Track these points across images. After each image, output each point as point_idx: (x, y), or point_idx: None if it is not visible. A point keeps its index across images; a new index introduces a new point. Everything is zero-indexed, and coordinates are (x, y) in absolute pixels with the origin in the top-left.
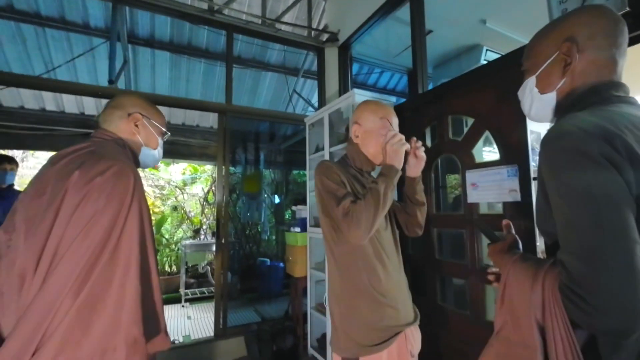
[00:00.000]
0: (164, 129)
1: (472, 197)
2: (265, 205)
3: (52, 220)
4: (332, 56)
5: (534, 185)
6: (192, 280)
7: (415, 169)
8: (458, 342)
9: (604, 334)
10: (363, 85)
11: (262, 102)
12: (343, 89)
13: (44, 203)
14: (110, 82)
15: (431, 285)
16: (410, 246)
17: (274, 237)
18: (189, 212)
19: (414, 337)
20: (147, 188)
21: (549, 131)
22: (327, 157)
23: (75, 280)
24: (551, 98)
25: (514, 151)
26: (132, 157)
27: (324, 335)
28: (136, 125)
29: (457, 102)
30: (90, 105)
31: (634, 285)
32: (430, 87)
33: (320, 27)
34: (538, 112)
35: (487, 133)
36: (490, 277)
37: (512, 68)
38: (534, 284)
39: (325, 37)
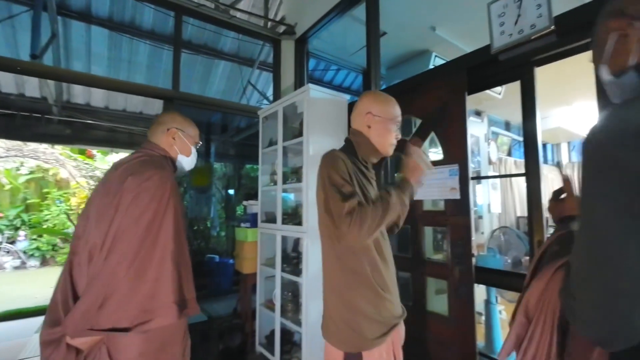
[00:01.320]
0: (196, 140)
1: (417, 194)
2: (215, 200)
3: (114, 213)
4: (288, 49)
5: (471, 185)
6: None
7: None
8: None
9: (592, 341)
10: (319, 82)
11: (214, 91)
12: (299, 83)
13: (108, 200)
14: (34, 56)
15: None
16: None
17: (223, 233)
18: None
19: (402, 330)
20: (80, 179)
21: (592, 127)
22: (280, 151)
23: (127, 257)
24: (632, 79)
25: (455, 152)
26: (171, 164)
27: (272, 332)
28: (173, 138)
29: (407, 103)
30: (9, 83)
31: (620, 309)
32: (383, 87)
33: (277, 19)
34: (624, 95)
35: (432, 134)
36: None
37: (456, 73)
38: (542, 275)
39: (282, 29)
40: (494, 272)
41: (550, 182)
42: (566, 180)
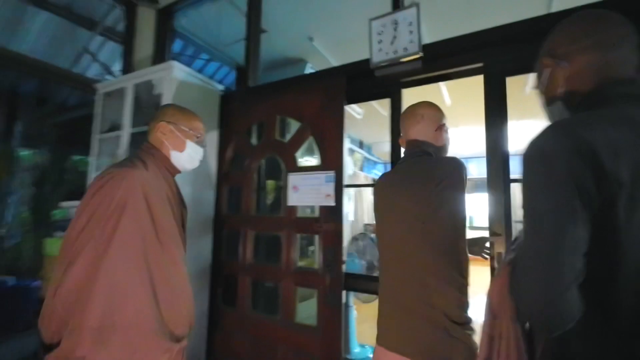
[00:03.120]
0: (197, 134)
1: (292, 199)
2: (17, 200)
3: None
4: (147, 18)
5: (345, 192)
6: None
7: None
8: (269, 347)
9: (534, 327)
10: None
11: (28, 47)
12: (158, 60)
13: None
14: None
15: (243, 293)
16: (224, 251)
17: (29, 245)
18: None
19: None
20: None
21: (529, 141)
22: (125, 139)
23: (66, 257)
24: (559, 107)
25: (332, 158)
26: (163, 162)
27: None
28: (163, 133)
29: (286, 103)
30: None
31: (552, 297)
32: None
33: None
34: (554, 119)
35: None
36: None
37: (337, 79)
38: (500, 271)
39: None
40: (357, 277)
41: None
42: None
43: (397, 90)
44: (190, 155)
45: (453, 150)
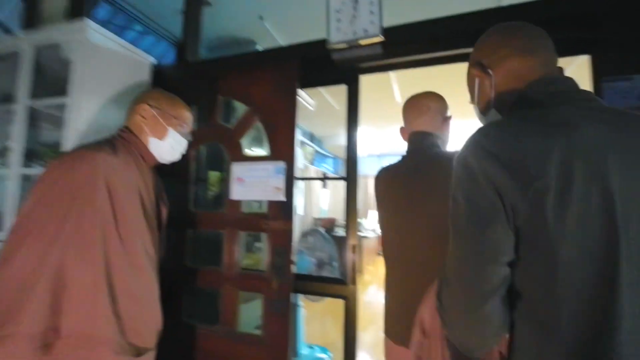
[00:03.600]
0: (182, 122)
1: (236, 193)
2: None
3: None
4: None
5: (296, 185)
6: None
7: None
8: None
9: (459, 347)
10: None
11: None
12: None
13: None
14: None
15: (177, 297)
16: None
17: None
18: None
19: None
20: None
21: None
22: (21, 114)
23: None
24: (493, 114)
25: (282, 148)
26: (139, 149)
27: None
28: (142, 116)
29: (232, 83)
30: None
31: (471, 309)
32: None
33: None
34: None
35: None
36: None
37: (290, 60)
38: (431, 290)
39: None
40: (307, 278)
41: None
42: None
43: (354, 76)
44: (172, 145)
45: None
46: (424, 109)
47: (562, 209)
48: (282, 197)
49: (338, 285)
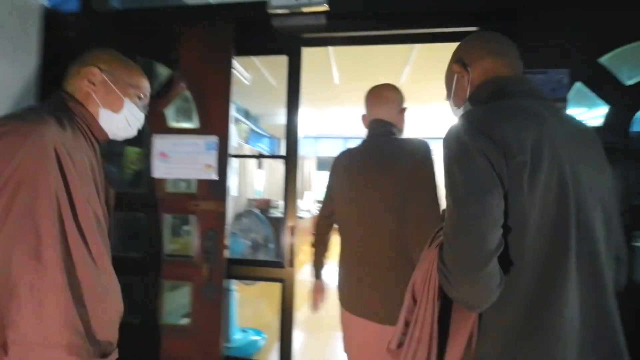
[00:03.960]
0: (140, 92)
1: (159, 170)
2: None
3: None
4: None
5: (230, 163)
6: None
7: None
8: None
9: (459, 303)
10: None
11: None
12: None
13: None
14: None
15: None
16: None
17: None
18: None
19: None
20: None
21: (448, 129)
22: None
23: None
24: (467, 107)
25: (215, 120)
26: (87, 122)
27: None
28: (91, 82)
29: (153, 42)
30: None
31: (477, 265)
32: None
33: None
34: None
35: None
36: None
37: (223, 22)
38: (423, 257)
39: None
40: (241, 262)
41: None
42: None
43: (296, 47)
44: (128, 119)
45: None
46: (384, 99)
47: (533, 181)
48: (214, 176)
49: (275, 268)
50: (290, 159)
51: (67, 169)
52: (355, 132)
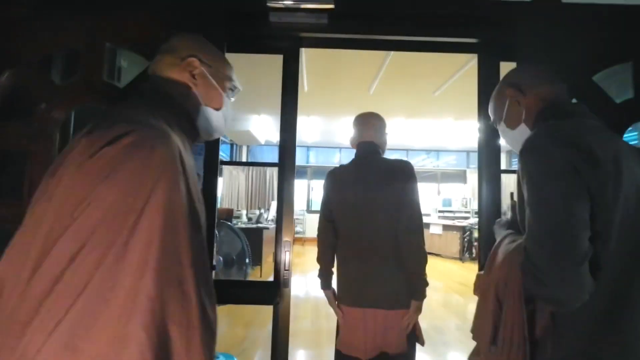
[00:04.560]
0: (233, 85)
1: None
2: None
3: (46, 205)
4: None
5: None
6: None
7: None
8: None
9: (549, 303)
10: None
11: None
12: None
13: (46, 182)
14: None
15: None
16: None
17: None
18: None
19: None
20: None
21: (526, 141)
22: None
23: (59, 288)
24: (522, 129)
25: None
26: (186, 123)
27: None
28: (192, 76)
29: (127, 26)
30: None
31: (572, 267)
32: None
33: None
34: (521, 141)
35: None
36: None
37: (210, 16)
38: (502, 261)
39: None
40: (225, 284)
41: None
42: (514, 203)
43: (294, 47)
44: (225, 116)
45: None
46: (372, 125)
47: (616, 192)
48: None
49: (265, 289)
50: (285, 167)
51: (192, 183)
52: (318, 140)
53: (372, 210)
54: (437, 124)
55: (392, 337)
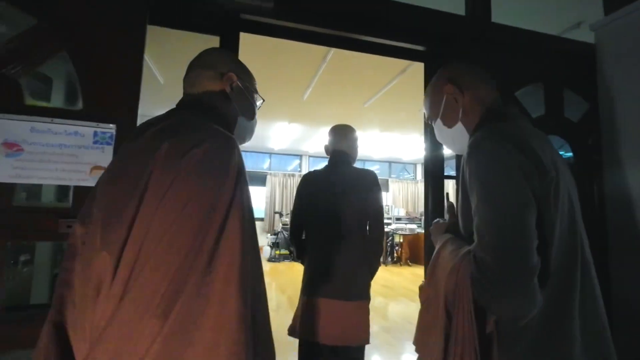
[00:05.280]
0: (258, 94)
1: (4, 170)
2: None
3: (135, 209)
4: None
5: None
6: None
7: None
8: None
9: (500, 315)
10: None
11: None
12: None
13: (124, 187)
14: None
15: None
16: None
17: None
18: None
19: None
20: None
21: (472, 141)
22: None
23: (163, 296)
24: (460, 128)
25: (114, 99)
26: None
27: None
28: (232, 89)
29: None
30: None
31: (526, 279)
32: None
33: None
34: (457, 141)
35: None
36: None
37: None
38: (450, 271)
39: None
40: None
41: None
42: (450, 205)
43: (233, 29)
44: (254, 127)
45: None
46: (343, 136)
47: (556, 196)
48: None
49: None
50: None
51: (245, 182)
52: (247, 145)
53: (343, 208)
54: (364, 135)
55: (351, 327)
